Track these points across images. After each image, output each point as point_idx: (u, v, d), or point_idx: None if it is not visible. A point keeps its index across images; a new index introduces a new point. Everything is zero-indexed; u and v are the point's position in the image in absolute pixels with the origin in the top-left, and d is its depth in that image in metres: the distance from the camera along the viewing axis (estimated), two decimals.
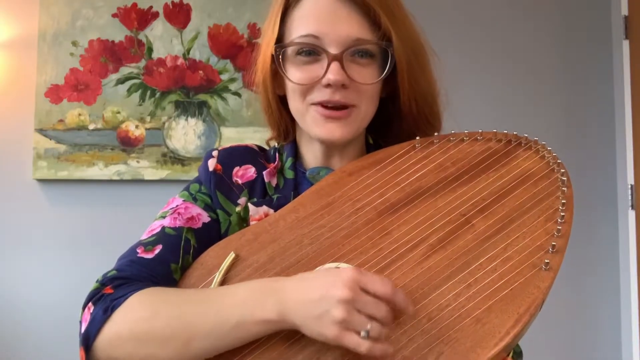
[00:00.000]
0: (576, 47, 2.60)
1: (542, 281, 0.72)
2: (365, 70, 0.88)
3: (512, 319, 0.70)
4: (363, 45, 0.87)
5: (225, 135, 2.48)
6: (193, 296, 0.78)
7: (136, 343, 0.76)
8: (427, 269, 0.76)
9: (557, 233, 0.76)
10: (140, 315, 0.76)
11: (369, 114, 0.91)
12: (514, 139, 0.90)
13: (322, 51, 0.86)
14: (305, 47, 0.87)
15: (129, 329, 0.76)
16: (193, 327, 0.74)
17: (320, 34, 0.86)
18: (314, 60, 0.88)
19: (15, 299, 2.43)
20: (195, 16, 2.52)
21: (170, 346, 0.74)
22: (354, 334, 0.67)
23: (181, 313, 0.75)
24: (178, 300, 0.78)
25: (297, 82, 0.89)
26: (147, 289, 0.79)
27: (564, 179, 0.82)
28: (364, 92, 0.88)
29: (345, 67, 0.86)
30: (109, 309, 0.77)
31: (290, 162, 0.96)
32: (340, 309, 0.67)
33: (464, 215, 0.80)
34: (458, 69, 2.34)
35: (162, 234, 0.88)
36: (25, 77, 2.48)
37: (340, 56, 0.85)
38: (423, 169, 0.87)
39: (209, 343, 0.74)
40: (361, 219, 0.83)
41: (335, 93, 0.86)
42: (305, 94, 0.89)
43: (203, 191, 0.95)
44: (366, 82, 0.88)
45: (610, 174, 2.54)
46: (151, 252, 0.85)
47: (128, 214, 2.45)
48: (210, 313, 0.74)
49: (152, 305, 0.77)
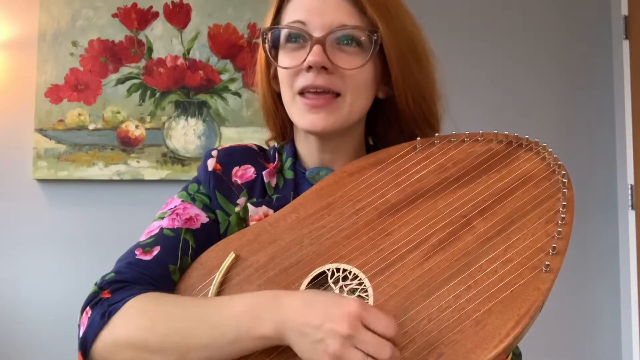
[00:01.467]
0: (576, 47, 2.60)
1: (542, 283, 0.72)
2: (350, 57, 0.87)
3: (512, 321, 0.70)
4: (347, 31, 0.87)
5: (225, 135, 2.48)
6: (191, 308, 0.77)
7: (133, 351, 0.76)
8: (428, 270, 0.76)
9: (558, 235, 0.76)
10: (137, 323, 0.76)
11: (357, 105, 0.90)
12: (515, 141, 0.89)
13: (307, 36, 0.87)
14: (292, 31, 0.88)
15: (126, 336, 0.76)
16: (190, 340, 0.74)
17: (306, 20, 0.87)
18: (300, 47, 0.88)
19: (15, 299, 2.43)
20: (195, 16, 2.52)
21: (167, 356, 0.74)
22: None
23: (178, 325, 0.75)
24: (175, 311, 0.77)
25: (283, 65, 0.89)
26: (144, 294, 0.79)
27: (565, 180, 0.81)
28: (349, 79, 0.87)
29: (329, 52, 0.86)
30: (106, 314, 0.77)
31: (290, 162, 0.96)
32: (337, 342, 0.66)
33: (465, 217, 0.80)
34: (457, 69, 2.34)
35: (161, 235, 0.88)
36: (25, 77, 2.48)
37: (322, 39, 0.86)
38: (424, 170, 0.87)
39: (205, 356, 0.73)
40: (362, 219, 0.83)
41: (318, 77, 0.86)
42: (291, 82, 0.89)
43: (202, 191, 0.94)
44: (350, 67, 0.87)
45: (610, 174, 2.54)
46: (149, 254, 0.85)
47: (128, 214, 2.44)
48: (207, 327, 0.73)
49: (150, 314, 0.76)
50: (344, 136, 0.94)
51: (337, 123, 0.89)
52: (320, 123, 0.88)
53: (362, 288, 0.76)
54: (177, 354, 0.74)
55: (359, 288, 0.76)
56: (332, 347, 0.66)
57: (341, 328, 0.66)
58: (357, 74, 0.88)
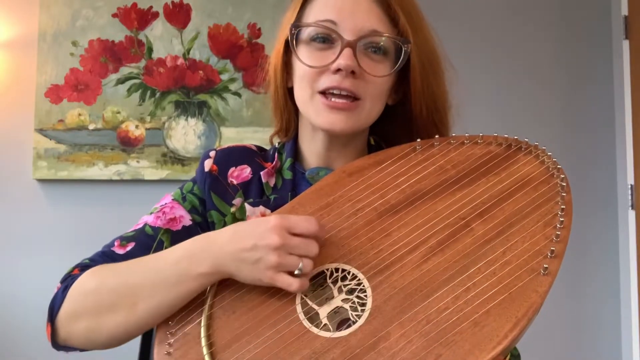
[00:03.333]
0: (576, 47, 2.60)
1: (540, 286, 0.72)
2: (376, 65, 0.88)
3: (511, 323, 0.70)
4: (378, 37, 0.87)
5: (225, 135, 2.48)
6: (137, 262, 0.82)
7: (88, 316, 0.81)
8: (426, 271, 0.76)
9: (556, 238, 0.76)
10: (89, 287, 0.81)
11: (373, 112, 0.91)
12: (515, 144, 0.89)
13: (338, 37, 0.87)
14: (322, 30, 0.88)
15: (81, 303, 0.81)
16: (136, 289, 0.78)
17: (338, 20, 0.87)
18: (328, 47, 0.88)
19: (14, 299, 2.43)
20: (195, 16, 2.52)
21: (118, 312, 0.79)
22: (286, 275, 0.74)
23: (125, 278, 0.80)
24: (122, 268, 0.82)
25: (309, 64, 0.89)
26: (99, 265, 0.84)
27: (564, 184, 0.82)
28: (372, 86, 0.88)
29: (357, 56, 0.86)
30: (68, 287, 0.83)
31: (289, 163, 0.97)
32: (274, 255, 0.73)
33: (464, 219, 0.81)
34: (457, 69, 2.34)
35: (141, 231, 0.91)
36: (25, 77, 2.48)
37: (354, 43, 0.86)
38: (423, 171, 0.87)
39: (153, 303, 0.77)
40: (361, 219, 0.83)
41: (345, 80, 0.87)
42: (313, 81, 0.89)
43: (194, 192, 0.96)
44: (377, 74, 0.88)
45: (610, 174, 2.54)
46: (124, 248, 0.90)
47: (128, 214, 2.43)
48: (151, 274, 0.79)
49: (100, 278, 0.82)
50: (353, 137, 0.95)
51: (355, 126, 0.90)
52: (340, 124, 0.89)
53: (361, 288, 0.76)
54: (127, 306, 0.78)
55: (358, 288, 0.77)
56: (271, 261, 0.73)
57: (273, 241, 0.73)
58: (380, 82, 0.89)
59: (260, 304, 0.77)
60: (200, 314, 0.78)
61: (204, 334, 0.76)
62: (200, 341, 0.75)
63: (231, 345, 0.74)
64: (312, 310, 0.76)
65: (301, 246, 0.75)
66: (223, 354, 0.74)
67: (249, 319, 0.76)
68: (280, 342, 0.73)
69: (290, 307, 0.76)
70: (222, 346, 0.75)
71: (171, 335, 0.78)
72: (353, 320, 0.74)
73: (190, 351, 0.75)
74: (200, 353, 0.74)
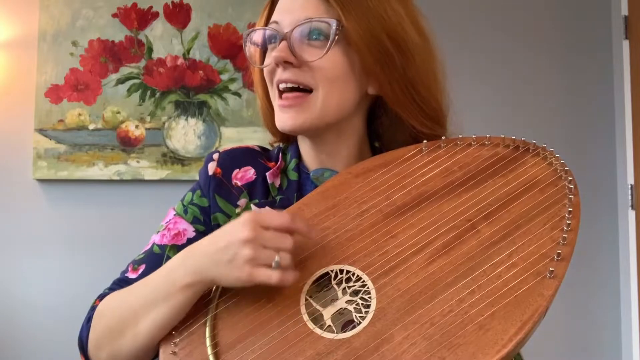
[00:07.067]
0: (576, 47, 2.60)
1: (546, 289, 0.72)
2: (316, 50, 0.87)
3: (516, 326, 0.69)
4: (309, 22, 0.87)
5: (225, 136, 2.48)
6: (138, 283, 0.83)
7: (107, 344, 0.82)
8: (431, 273, 0.76)
9: (563, 241, 0.76)
10: (102, 316, 0.84)
11: (332, 100, 0.88)
12: (522, 145, 0.88)
13: (278, 34, 0.88)
14: (268, 31, 0.91)
15: (99, 332, 0.83)
16: (136, 309, 0.79)
17: (279, 19, 0.89)
18: (274, 47, 0.90)
19: (14, 299, 2.43)
20: (195, 16, 2.52)
21: (127, 334, 0.80)
22: (265, 269, 0.72)
23: (126, 301, 0.82)
24: (125, 292, 0.84)
25: (260, 66, 0.92)
26: (112, 292, 0.86)
27: (571, 186, 0.81)
28: (320, 72, 0.87)
29: (297, 47, 0.86)
30: (90, 319, 0.85)
31: (295, 163, 0.96)
32: (247, 248, 0.72)
33: (470, 221, 0.80)
34: (457, 70, 2.34)
35: (150, 252, 0.92)
36: (25, 77, 2.48)
37: (287, 35, 0.87)
38: (429, 173, 0.87)
39: (152, 320, 0.78)
40: (366, 221, 0.82)
41: (284, 72, 0.87)
42: (271, 82, 0.91)
43: (194, 201, 0.95)
44: (313, 58, 0.86)
45: (610, 174, 2.55)
46: (136, 272, 0.90)
47: (128, 214, 2.45)
48: (147, 291, 0.79)
49: (108, 305, 0.84)
50: (338, 136, 0.93)
51: (309, 121, 0.88)
52: (289, 122, 0.88)
53: (366, 290, 0.76)
54: (131, 328, 0.79)
55: (362, 290, 0.76)
56: (245, 254, 0.72)
57: (244, 235, 0.72)
58: (325, 66, 0.87)
59: (265, 304, 0.77)
60: (205, 313, 0.78)
61: (209, 334, 0.76)
62: (205, 341, 0.75)
63: (235, 346, 0.74)
64: (317, 311, 0.76)
65: (274, 239, 0.74)
66: (227, 354, 0.74)
67: (254, 319, 0.76)
68: (284, 342, 0.73)
69: (294, 308, 0.76)
70: (226, 346, 0.75)
71: (177, 335, 0.78)
72: (357, 321, 0.74)
73: (195, 351, 0.75)
74: (205, 353, 0.74)
